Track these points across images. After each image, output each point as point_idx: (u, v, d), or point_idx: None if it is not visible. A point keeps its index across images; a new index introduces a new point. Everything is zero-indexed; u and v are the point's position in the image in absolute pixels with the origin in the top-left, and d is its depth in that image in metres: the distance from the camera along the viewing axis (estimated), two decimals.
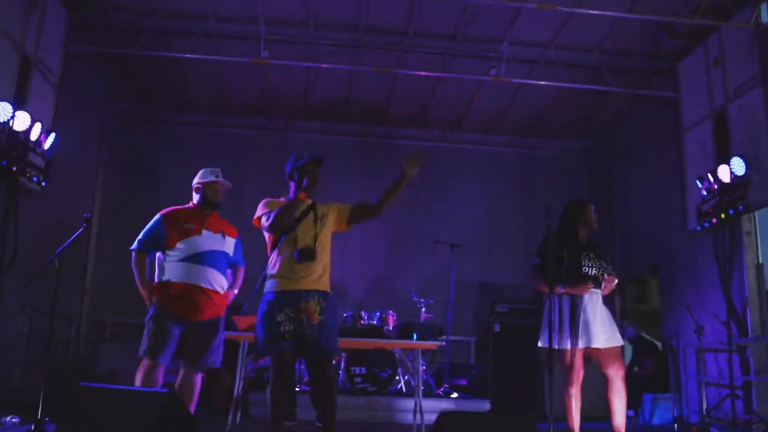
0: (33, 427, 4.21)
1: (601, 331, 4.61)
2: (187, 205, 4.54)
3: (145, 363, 4.23)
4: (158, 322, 4.24)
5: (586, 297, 4.66)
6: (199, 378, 4.39)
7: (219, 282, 4.41)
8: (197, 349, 4.31)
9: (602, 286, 4.69)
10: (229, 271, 4.60)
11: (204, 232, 4.41)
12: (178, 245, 4.33)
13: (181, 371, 4.37)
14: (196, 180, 4.56)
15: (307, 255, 3.90)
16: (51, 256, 4.55)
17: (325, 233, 4.03)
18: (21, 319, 6.88)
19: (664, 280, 8.68)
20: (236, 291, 4.64)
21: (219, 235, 4.48)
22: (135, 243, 4.41)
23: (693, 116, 7.74)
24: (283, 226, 3.93)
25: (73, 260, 4.65)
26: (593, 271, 4.69)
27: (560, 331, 4.61)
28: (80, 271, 8.50)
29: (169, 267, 4.33)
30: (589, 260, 4.72)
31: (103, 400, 3.49)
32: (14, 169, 6.12)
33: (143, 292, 4.34)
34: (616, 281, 4.70)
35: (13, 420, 4.96)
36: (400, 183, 3.95)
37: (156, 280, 4.37)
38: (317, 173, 4.06)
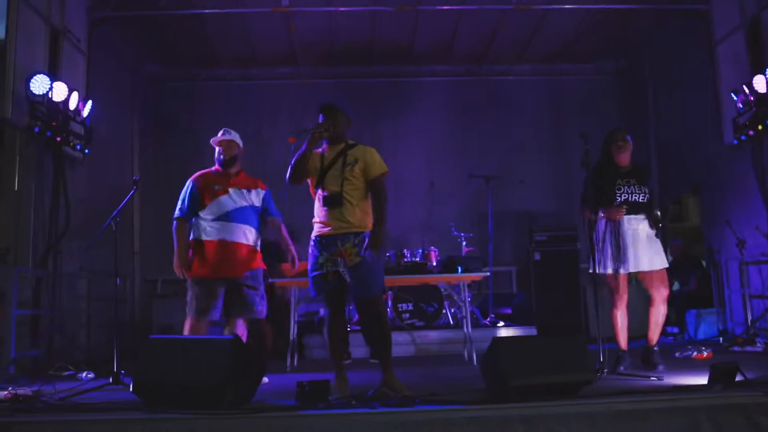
0: (110, 380, 4.46)
1: (642, 255, 4.72)
2: (212, 169, 4.81)
3: (190, 320, 4.56)
4: (203, 283, 4.56)
5: (626, 223, 4.76)
6: (242, 327, 4.72)
7: (251, 236, 4.67)
8: (242, 304, 4.62)
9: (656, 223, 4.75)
10: (270, 223, 4.87)
11: (231, 190, 4.65)
12: (209, 206, 4.60)
13: (228, 322, 4.68)
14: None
15: (333, 201, 3.96)
16: (106, 220, 4.78)
17: (352, 179, 4.01)
18: (80, 281, 7.19)
19: (706, 196, 8.62)
20: (290, 245, 4.84)
21: (244, 191, 4.70)
22: (177, 211, 4.68)
23: (725, 27, 7.51)
24: (298, 177, 4.02)
25: (121, 222, 4.86)
26: (633, 197, 4.77)
27: (603, 256, 4.73)
28: (128, 232, 8.79)
29: (203, 226, 4.60)
30: (629, 187, 4.79)
31: (172, 350, 3.71)
32: (58, 139, 6.31)
33: (179, 260, 4.60)
34: (657, 213, 4.76)
35: (89, 375, 5.23)
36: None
37: (191, 238, 4.66)
38: (328, 116, 4.07)
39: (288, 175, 4.04)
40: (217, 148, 4.79)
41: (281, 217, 4.95)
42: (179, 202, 4.71)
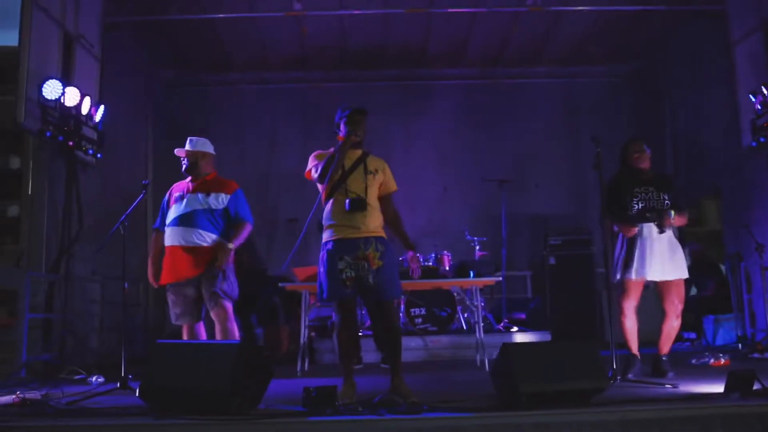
0: (118, 384, 4.45)
1: (658, 263, 4.64)
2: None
3: (183, 327, 4.66)
4: (169, 289, 4.68)
5: (645, 230, 4.68)
6: (228, 323, 4.63)
7: (202, 238, 4.61)
8: (209, 300, 4.60)
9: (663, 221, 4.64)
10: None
11: (188, 195, 4.69)
12: (168, 213, 4.71)
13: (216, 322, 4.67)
14: None
15: (359, 205, 3.95)
16: (116, 223, 4.78)
17: (374, 186, 4.08)
18: (93, 285, 7.20)
19: (725, 199, 8.48)
20: (233, 245, 4.68)
21: (201, 195, 4.68)
22: (156, 222, 4.83)
23: (742, 28, 7.39)
24: (331, 175, 3.99)
25: (134, 227, 4.87)
26: (650, 205, 4.70)
27: (619, 263, 4.68)
28: (142, 236, 8.80)
29: (165, 234, 4.70)
30: (646, 194, 4.72)
31: (179, 355, 3.69)
32: (70, 144, 6.33)
33: (149, 269, 4.73)
34: (673, 215, 4.62)
35: (99, 380, 5.24)
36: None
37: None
38: (361, 122, 4.09)
39: (319, 172, 4.02)
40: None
41: (251, 220, 4.83)
42: (159, 213, 4.86)
